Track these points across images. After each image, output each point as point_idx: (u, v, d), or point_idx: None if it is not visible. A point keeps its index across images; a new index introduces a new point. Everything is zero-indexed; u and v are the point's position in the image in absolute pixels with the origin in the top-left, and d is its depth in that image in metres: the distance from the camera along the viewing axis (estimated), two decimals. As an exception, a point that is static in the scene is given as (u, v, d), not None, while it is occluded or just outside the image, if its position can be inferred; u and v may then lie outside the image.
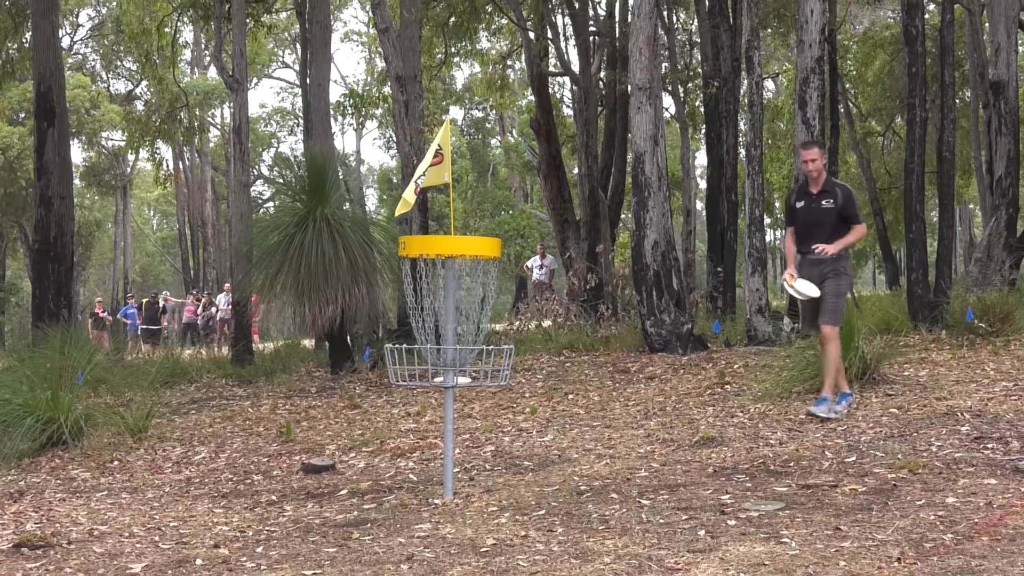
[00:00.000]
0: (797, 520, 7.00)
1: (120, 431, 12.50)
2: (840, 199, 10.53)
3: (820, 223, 10.53)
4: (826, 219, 10.52)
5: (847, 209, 10.54)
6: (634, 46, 16.35)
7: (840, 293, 10.50)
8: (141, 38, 30.71)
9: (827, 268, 10.43)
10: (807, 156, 10.64)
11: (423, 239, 8.88)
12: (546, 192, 26.90)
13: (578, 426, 11.42)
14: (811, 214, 10.61)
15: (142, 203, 74.99)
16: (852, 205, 10.63)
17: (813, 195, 10.62)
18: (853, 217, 10.62)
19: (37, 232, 21.18)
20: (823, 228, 10.51)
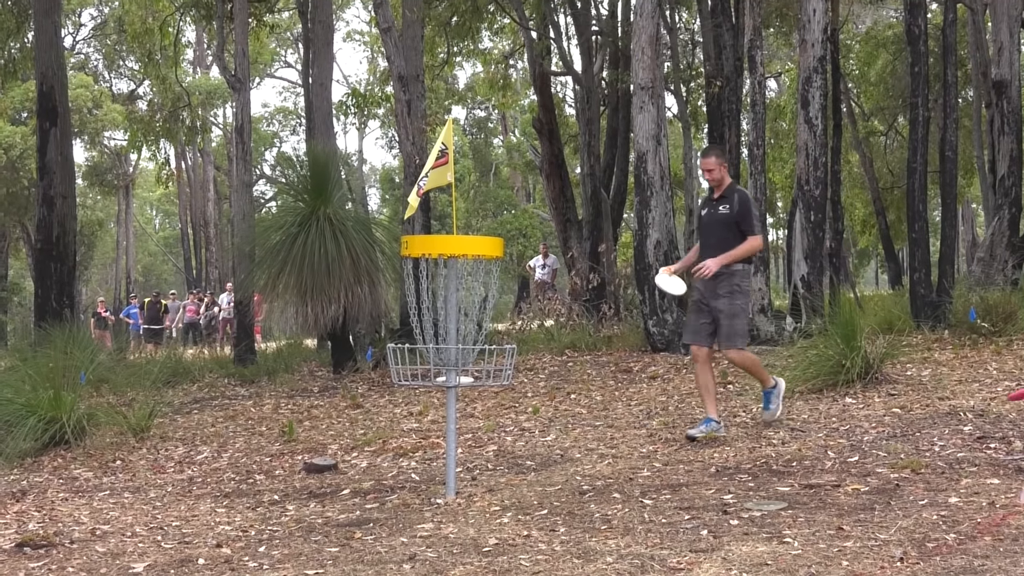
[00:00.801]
0: (800, 520, 7.00)
1: (122, 431, 12.50)
2: (736, 205, 9.93)
3: (716, 230, 9.99)
4: (722, 226, 9.95)
5: (742, 217, 9.91)
6: (636, 45, 16.35)
7: (734, 314, 9.87)
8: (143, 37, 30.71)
9: (720, 285, 9.87)
10: (704, 165, 10.17)
11: (425, 239, 8.88)
12: (548, 191, 26.88)
13: (580, 426, 11.42)
14: (709, 220, 10.11)
15: (144, 203, 75.05)
16: (748, 213, 9.95)
17: (714, 201, 10.13)
18: (748, 227, 9.92)
19: (39, 231, 21.19)
20: (719, 236, 9.93)
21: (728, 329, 9.88)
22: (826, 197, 17.02)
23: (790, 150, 33.65)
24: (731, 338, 9.91)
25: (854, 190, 39.28)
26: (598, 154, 25.52)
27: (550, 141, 26.30)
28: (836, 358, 11.62)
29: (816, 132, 16.08)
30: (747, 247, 9.89)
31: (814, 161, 16.19)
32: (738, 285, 9.93)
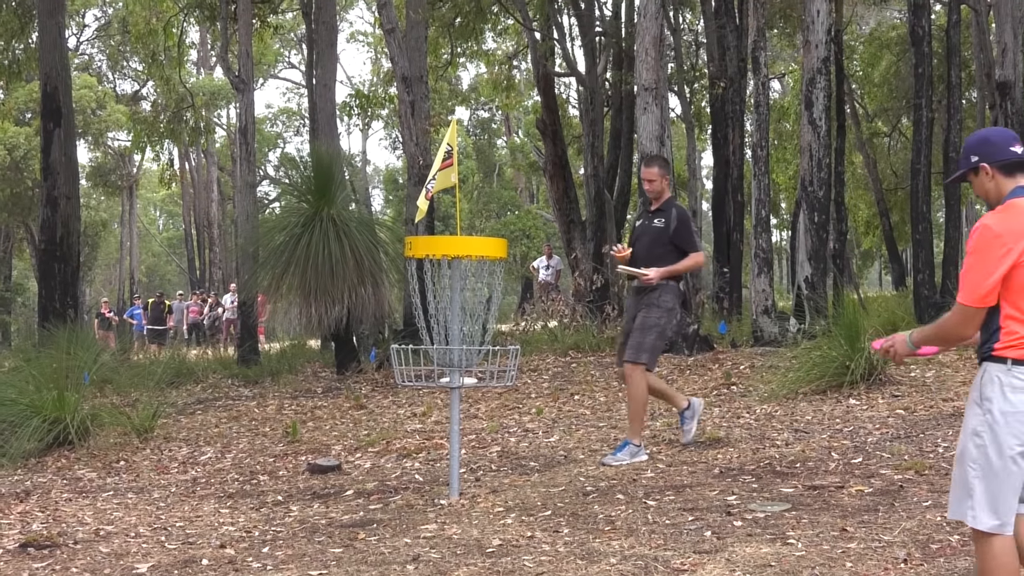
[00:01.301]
0: (803, 521, 7.00)
1: (126, 431, 12.51)
2: (673, 221, 9.46)
3: (646, 242, 9.53)
4: (652, 239, 9.51)
5: (677, 234, 9.46)
6: (640, 46, 16.35)
7: (647, 327, 9.32)
8: (147, 38, 30.75)
9: (644, 297, 9.44)
10: (646, 175, 9.67)
11: (429, 239, 8.88)
12: (552, 192, 26.89)
13: (584, 427, 11.42)
14: (645, 234, 9.61)
15: (148, 203, 75.08)
16: (686, 230, 9.53)
17: (650, 213, 9.69)
18: (688, 244, 9.51)
19: (43, 232, 21.20)
20: (648, 249, 9.48)
21: (638, 340, 9.33)
22: (830, 198, 17.02)
23: (794, 151, 33.66)
24: (637, 351, 9.32)
25: (858, 191, 39.30)
26: (602, 155, 25.53)
27: (554, 142, 26.31)
28: (840, 359, 11.62)
29: (820, 133, 16.08)
30: (689, 263, 9.55)
31: (818, 162, 16.19)
32: (663, 300, 9.41)
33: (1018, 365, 4.53)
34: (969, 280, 4.59)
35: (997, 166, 4.70)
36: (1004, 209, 4.64)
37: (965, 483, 4.68)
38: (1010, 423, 4.53)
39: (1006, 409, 4.53)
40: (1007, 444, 4.54)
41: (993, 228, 4.57)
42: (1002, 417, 4.54)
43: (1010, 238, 4.54)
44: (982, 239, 4.57)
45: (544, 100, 27.04)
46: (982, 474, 4.61)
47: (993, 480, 4.58)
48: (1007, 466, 4.56)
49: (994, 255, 4.54)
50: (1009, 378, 4.53)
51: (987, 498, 4.60)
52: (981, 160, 4.73)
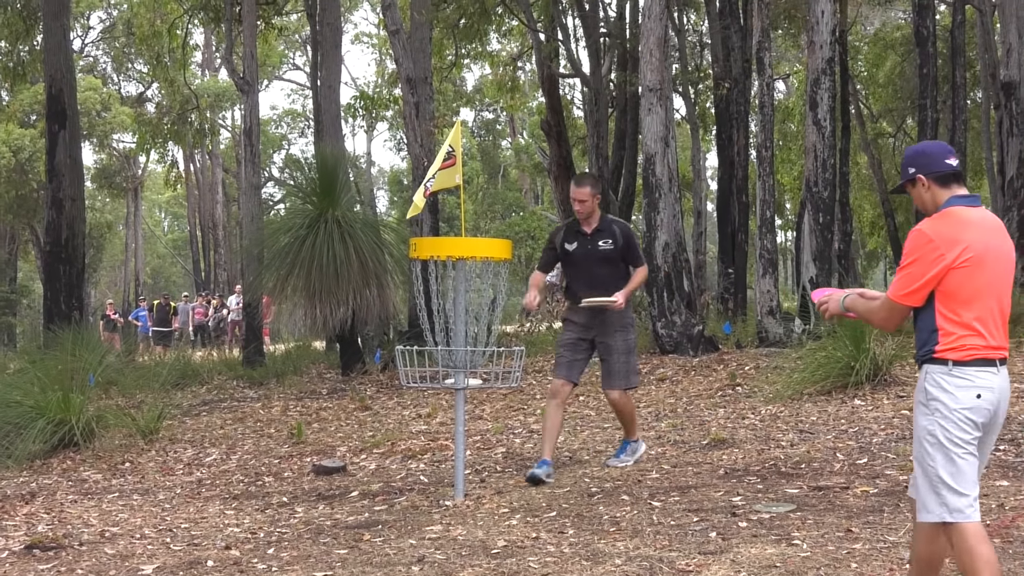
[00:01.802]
0: (808, 522, 7.00)
1: (131, 433, 12.52)
2: (620, 240, 9.21)
3: (600, 266, 9.18)
4: (605, 262, 9.19)
5: (629, 251, 9.24)
6: (644, 47, 16.35)
7: (630, 350, 9.23)
8: (152, 40, 30.79)
9: (615, 320, 9.17)
10: (577, 195, 9.19)
11: (434, 241, 8.88)
12: (557, 193, 26.90)
13: (589, 427, 11.42)
14: (589, 257, 9.21)
15: (153, 205, 75.11)
16: (634, 246, 9.36)
17: (587, 235, 9.24)
18: (636, 259, 9.31)
19: (48, 234, 21.24)
20: (607, 271, 9.18)
21: (626, 366, 9.18)
22: (834, 199, 17.02)
23: (798, 152, 33.65)
24: (628, 376, 9.22)
25: (863, 192, 39.27)
26: (606, 156, 25.54)
27: (558, 143, 26.32)
28: (845, 360, 11.61)
29: (824, 134, 16.06)
30: (640, 278, 9.36)
31: (822, 163, 16.17)
32: (629, 318, 9.33)
33: (959, 366, 4.77)
34: (901, 279, 4.83)
35: (932, 178, 4.91)
36: (939, 216, 4.87)
37: (930, 483, 4.85)
38: (958, 420, 4.75)
39: (953, 407, 4.76)
40: (959, 439, 4.76)
41: (927, 233, 4.79)
42: (951, 414, 4.76)
43: (943, 244, 4.75)
44: (916, 243, 4.82)
45: (549, 101, 27.05)
46: (943, 470, 4.79)
47: (955, 474, 4.77)
48: (963, 458, 4.77)
49: (927, 259, 4.76)
50: (952, 378, 4.77)
51: (951, 492, 4.77)
52: (918, 172, 4.95)
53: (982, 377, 4.80)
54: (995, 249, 4.85)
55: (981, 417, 4.78)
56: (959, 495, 4.75)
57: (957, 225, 4.81)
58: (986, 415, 4.80)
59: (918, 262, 4.78)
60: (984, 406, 4.78)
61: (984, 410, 4.78)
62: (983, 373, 4.81)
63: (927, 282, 4.77)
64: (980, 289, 4.81)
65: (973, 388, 4.76)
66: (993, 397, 4.82)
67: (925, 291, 4.80)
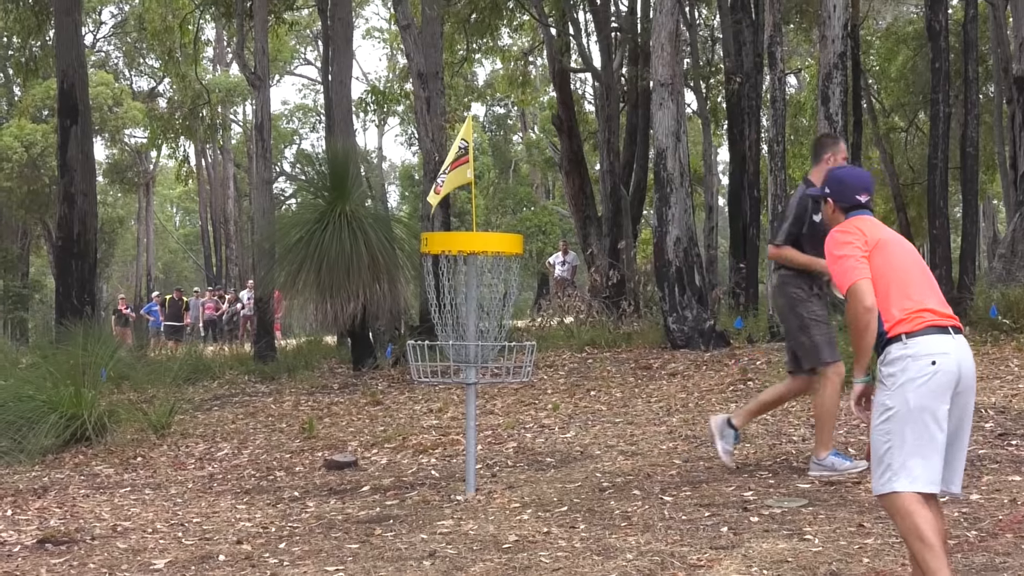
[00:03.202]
0: (820, 517, 6.99)
1: (143, 427, 12.55)
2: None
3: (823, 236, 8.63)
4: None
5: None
6: (656, 42, 16.32)
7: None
8: (163, 35, 30.81)
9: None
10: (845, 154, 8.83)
11: (445, 236, 8.88)
12: (568, 188, 26.89)
13: (600, 422, 11.41)
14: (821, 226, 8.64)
15: (165, 200, 75.17)
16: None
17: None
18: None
19: (60, 229, 21.25)
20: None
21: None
22: (846, 194, 16.96)
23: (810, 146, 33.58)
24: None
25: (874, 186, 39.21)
26: (617, 151, 25.51)
27: (569, 138, 26.30)
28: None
29: (836, 128, 16.02)
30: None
31: (834, 158, 16.12)
32: None
33: (912, 336, 4.93)
34: (841, 273, 5.07)
35: (840, 207, 5.39)
36: (840, 226, 5.31)
37: (884, 459, 4.89)
38: (918, 390, 4.84)
39: (911, 376, 4.86)
40: (922, 407, 4.83)
41: (834, 233, 5.25)
42: (910, 385, 4.85)
43: (855, 233, 5.17)
44: (835, 240, 5.19)
45: (560, 96, 27.04)
46: (896, 439, 4.86)
47: (916, 444, 4.82)
48: (926, 428, 4.82)
49: (849, 244, 5.12)
50: (905, 351, 4.90)
51: (914, 462, 4.82)
52: (831, 196, 5.44)
53: (936, 343, 4.91)
54: (891, 237, 5.20)
55: (940, 383, 4.85)
56: (924, 475, 4.80)
57: (851, 223, 5.26)
58: (944, 381, 4.86)
59: (845, 251, 5.09)
60: (941, 371, 4.86)
61: (942, 375, 4.85)
62: (937, 339, 4.92)
63: (863, 257, 5.05)
64: (899, 268, 5.05)
65: (928, 355, 4.87)
66: (951, 361, 4.89)
67: (866, 266, 5.02)
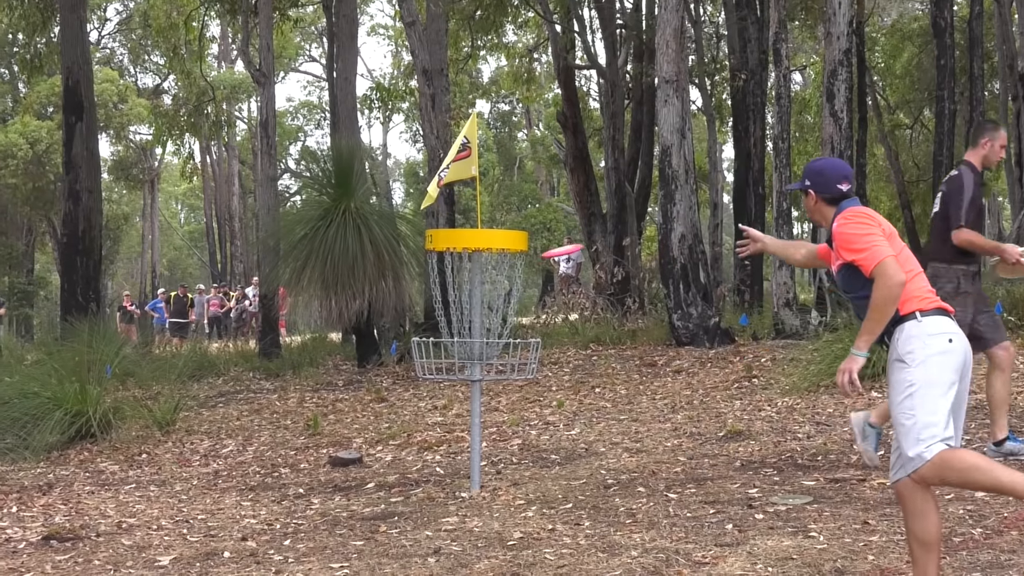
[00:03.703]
0: (825, 514, 6.98)
1: (148, 424, 12.55)
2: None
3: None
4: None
5: None
6: (661, 39, 16.32)
7: None
8: (168, 32, 30.82)
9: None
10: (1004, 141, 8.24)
11: (450, 233, 8.87)
12: (573, 185, 26.86)
13: (605, 419, 11.41)
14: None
15: (170, 197, 75.18)
16: None
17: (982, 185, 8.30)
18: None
19: (65, 226, 21.27)
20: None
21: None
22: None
23: (815, 143, 33.53)
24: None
25: (879, 183, 39.13)
26: (622, 148, 25.48)
27: (574, 135, 26.28)
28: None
29: (841, 125, 16.02)
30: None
31: (839, 154, 16.12)
32: None
33: (926, 315, 4.95)
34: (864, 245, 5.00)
35: (824, 198, 5.27)
36: (851, 212, 5.17)
37: (908, 431, 4.86)
38: (942, 364, 4.87)
39: (930, 353, 4.87)
40: (942, 380, 4.85)
41: (859, 211, 5.17)
42: (933, 359, 4.87)
43: (875, 219, 5.14)
44: (858, 221, 5.10)
45: (565, 93, 27.00)
46: (921, 411, 4.83)
47: (934, 411, 4.81)
48: (944, 398, 4.85)
49: (872, 228, 5.06)
50: (922, 327, 4.92)
51: (928, 427, 4.80)
52: (812, 188, 5.31)
53: (948, 324, 4.97)
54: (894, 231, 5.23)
55: (956, 361, 4.91)
56: (935, 427, 4.80)
57: (865, 212, 5.18)
58: (959, 360, 4.93)
59: (871, 230, 5.05)
60: (956, 350, 4.92)
61: (957, 354, 4.92)
62: (947, 320, 4.99)
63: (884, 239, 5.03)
64: (906, 258, 5.11)
65: (944, 334, 4.92)
66: (961, 343, 4.96)
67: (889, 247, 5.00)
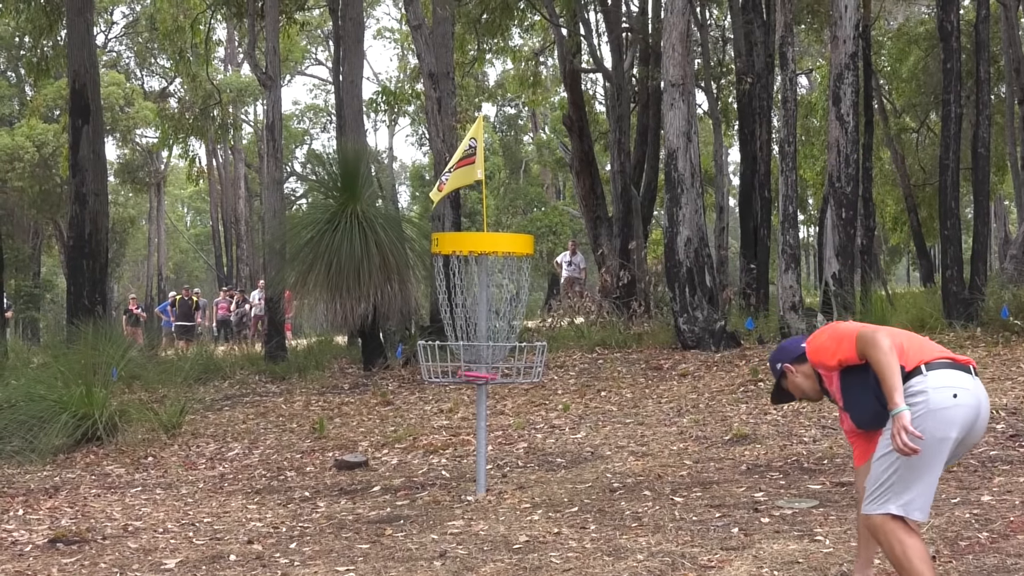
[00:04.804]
0: (831, 518, 6.98)
1: (154, 427, 12.56)
2: None
3: None
4: None
5: None
6: (667, 42, 16.32)
7: None
8: (175, 35, 30.80)
9: None
10: None
11: (456, 236, 8.88)
12: (579, 189, 26.84)
13: (611, 423, 11.40)
14: None
15: (176, 200, 75.24)
16: None
17: None
18: None
19: (72, 229, 21.27)
20: None
21: None
22: (857, 194, 16.94)
23: (821, 147, 33.51)
24: None
25: (885, 187, 39.09)
26: (628, 151, 25.46)
27: (580, 138, 26.27)
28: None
29: (847, 129, 16.00)
30: None
31: (845, 158, 16.12)
32: None
33: (931, 368, 4.92)
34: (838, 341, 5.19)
35: (795, 361, 5.41)
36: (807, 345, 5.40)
37: (891, 479, 4.92)
38: (937, 422, 4.83)
39: (932, 408, 4.83)
40: (936, 439, 4.83)
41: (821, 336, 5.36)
42: (930, 416, 4.83)
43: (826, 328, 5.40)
44: (823, 336, 5.33)
45: (571, 96, 27.00)
46: (910, 470, 4.88)
47: (921, 474, 4.88)
48: (934, 459, 4.86)
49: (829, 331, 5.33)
50: (926, 382, 4.88)
51: (915, 491, 4.89)
52: (783, 364, 5.46)
53: (956, 377, 4.91)
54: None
55: (959, 419, 4.85)
56: (909, 491, 4.87)
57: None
58: (964, 417, 4.87)
59: (831, 334, 5.28)
60: (962, 405, 4.85)
61: (962, 410, 4.86)
62: (956, 374, 4.92)
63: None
64: (906, 335, 5.14)
65: (948, 388, 4.86)
66: (971, 397, 4.89)
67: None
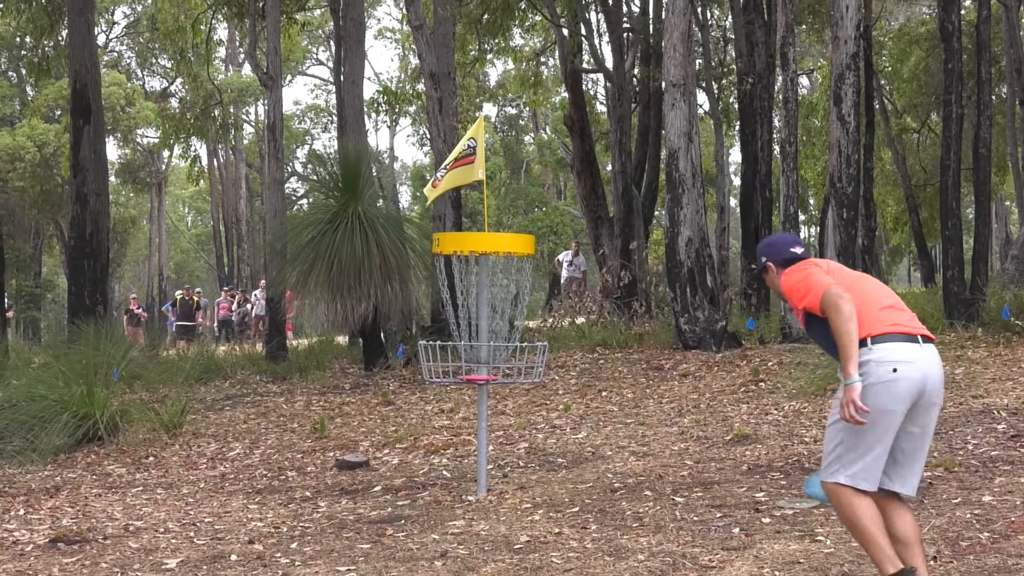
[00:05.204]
0: (832, 518, 6.97)
1: (155, 427, 12.56)
2: None
3: None
4: None
5: None
6: (668, 42, 16.32)
7: None
8: (176, 35, 30.81)
9: None
10: None
11: (457, 236, 8.87)
12: (579, 189, 26.84)
13: (612, 423, 11.40)
14: None
15: (177, 200, 75.25)
16: None
17: None
18: None
19: (73, 229, 21.27)
20: None
21: None
22: (858, 194, 16.93)
23: (822, 147, 33.53)
24: None
25: (887, 187, 39.10)
26: (629, 151, 25.47)
27: (581, 138, 26.27)
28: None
29: (849, 129, 16.01)
30: None
31: (846, 158, 16.11)
32: None
33: (876, 341, 5.00)
34: (804, 286, 5.20)
35: (779, 263, 5.46)
36: (788, 270, 5.40)
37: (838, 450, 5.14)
38: (877, 396, 4.92)
39: (872, 382, 4.94)
40: (878, 412, 4.93)
41: (792, 267, 5.37)
42: (870, 390, 4.92)
43: (810, 263, 5.34)
44: (792, 273, 5.33)
45: (572, 96, 27.00)
46: (854, 442, 5.04)
47: (865, 446, 5.02)
48: (874, 432, 4.97)
49: (809, 269, 5.28)
50: (869, 355, 4.97)
51: (860, 463, 5.05)
52: (768, 260, 5.52)
53: (899, 350, 4.99)
54: (850, 271, 5.41)
55: (901, 392, 4.93)
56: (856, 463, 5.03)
57: (808, 261, 5.38)
58: (907, 390, 4.95)
59: (807, 271, 5.24)
60: (903, 379, 4.94)
61: (903, 383, 4.93)
62: (900, 347, 5.00)
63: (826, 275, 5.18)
64: (863, 288, 5.18)
65: (889, 363, 4.95)
66: (914, 370, 4.97)
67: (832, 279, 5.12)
